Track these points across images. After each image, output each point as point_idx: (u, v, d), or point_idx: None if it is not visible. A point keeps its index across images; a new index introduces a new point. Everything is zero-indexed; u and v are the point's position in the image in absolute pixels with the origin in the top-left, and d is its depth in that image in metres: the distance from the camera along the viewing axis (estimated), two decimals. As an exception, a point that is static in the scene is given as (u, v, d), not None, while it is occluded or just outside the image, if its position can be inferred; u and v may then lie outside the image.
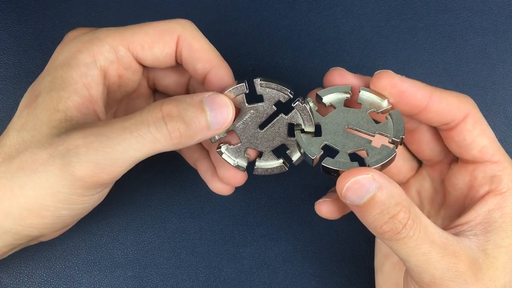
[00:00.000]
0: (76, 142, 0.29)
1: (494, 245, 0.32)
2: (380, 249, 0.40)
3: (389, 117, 0.33)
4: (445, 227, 0.33)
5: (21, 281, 0.41)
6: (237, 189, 0.38)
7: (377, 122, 0.33)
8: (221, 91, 0.33)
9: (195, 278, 0.42)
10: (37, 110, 0.31)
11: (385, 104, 0.33)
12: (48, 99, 0.31)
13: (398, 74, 0.33)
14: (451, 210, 0.36)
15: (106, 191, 0.33)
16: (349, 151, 0.32)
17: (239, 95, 0.33)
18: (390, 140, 0.33)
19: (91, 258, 0.42)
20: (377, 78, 0.33)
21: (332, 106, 0.34)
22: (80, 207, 0.32)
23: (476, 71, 0.46)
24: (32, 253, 0.41)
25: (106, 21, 0.45)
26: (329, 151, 0.33)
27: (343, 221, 0.37)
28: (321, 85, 0.34)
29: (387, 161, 0.32)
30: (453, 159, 0.37)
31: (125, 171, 0.31)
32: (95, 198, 0.32)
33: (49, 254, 0.42)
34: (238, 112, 0.34)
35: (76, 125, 0.31)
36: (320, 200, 0.36)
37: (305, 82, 0.45)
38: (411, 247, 0.30)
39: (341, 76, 0.34)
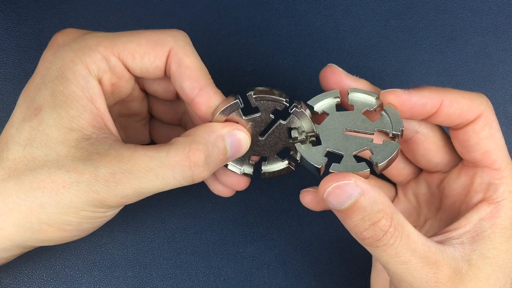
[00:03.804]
0: (104, 176, 0.30)
1: (479, 256, 0.31)
2: None
3: (384, 112, 0.33)
4: (437, 232, 0.33)
5: (21, 281, 0.41)
6: (237, 189, 0.37)
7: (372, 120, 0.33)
8: (215, 111, 0.33)
9: (195, 278, 0.42)
10: (43, 127, 0.31)
11: (376, 100, 0.33)
12: (56, 116, 0.31)
13: (399, 74, 0.33)
14: (447, 215, 0.36)
15: None
16: (353, 153, 0.32)
17: (234, 111, 0.33)
18: (390, 135, 0.32)
19: (91, 258, 0.42)
20: (384, 98, 0.32)
21: (325, 113, 0.34)
22: (102, 220, 0.33)
23: (476, 71, 0.45)
24: (32, 253, 0.41)
25: (106, 21, 0.45)
26: (333, 158, 0.32)
27: (343, 221, 0.37)
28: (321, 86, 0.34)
29: (393, 156, 0.31)
30: (450, 169, 0.36)
31: None
32: (116, 212, 0.33)
33: (49, 254, 0.42)
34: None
35: (96, 144, 0.31)
36: (305, 189, 0.36)
37: (305, 82, 0.45)
38: (390, 255, 0.29)
39: (333, 74, 0.33)
